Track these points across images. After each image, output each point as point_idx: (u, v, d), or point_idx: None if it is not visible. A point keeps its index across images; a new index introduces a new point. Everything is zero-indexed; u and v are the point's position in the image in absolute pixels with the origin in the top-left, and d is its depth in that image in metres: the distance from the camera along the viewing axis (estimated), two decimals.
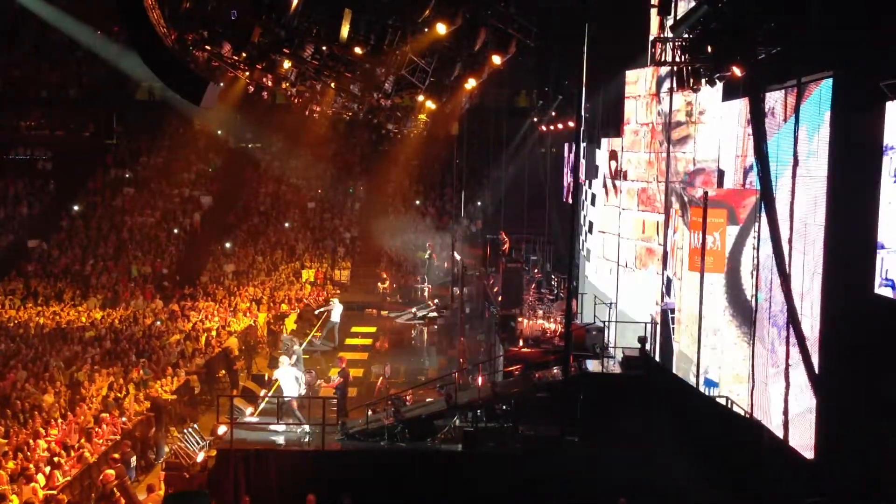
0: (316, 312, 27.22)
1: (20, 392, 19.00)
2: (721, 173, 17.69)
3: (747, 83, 14.96)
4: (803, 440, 13.89)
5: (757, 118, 14.98)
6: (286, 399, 16.06)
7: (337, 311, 26.22)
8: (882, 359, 11.62)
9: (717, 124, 17.91)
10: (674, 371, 18.30)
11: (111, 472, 14.87)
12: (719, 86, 15.96)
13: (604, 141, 24.29)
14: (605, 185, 24.14)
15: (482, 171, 36.11)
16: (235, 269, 33.63)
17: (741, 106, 16.81)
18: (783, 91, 14.99)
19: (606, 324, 18.52)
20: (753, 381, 15.96)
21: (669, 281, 19.29)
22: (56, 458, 15.38)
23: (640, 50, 20.01)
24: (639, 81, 21.25)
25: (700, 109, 18.48)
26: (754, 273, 15.95)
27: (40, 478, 14.56)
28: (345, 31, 14.53)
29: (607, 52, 19.55)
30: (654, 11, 19.14)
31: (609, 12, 19.08)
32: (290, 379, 16.89)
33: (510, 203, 33.49)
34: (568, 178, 28.38)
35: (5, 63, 38.69)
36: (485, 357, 21.27)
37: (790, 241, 14.43)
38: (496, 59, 16.20)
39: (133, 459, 16.44)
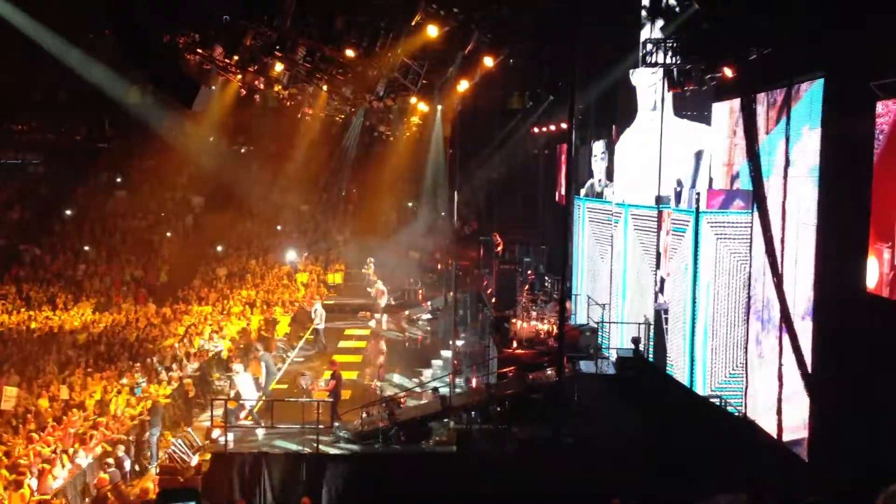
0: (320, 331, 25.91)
1: None
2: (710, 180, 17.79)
3: (739, 84, 15.00)
4: (794, 431, 13.96)
5: (749, 118, 15.02)
6: (251, 403, 16.33)
7: (320, 316, 25.87)
8: (876, 358, 11.65)
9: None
10: (668, 371, 18.31)
11: (105, 476, 14.84)
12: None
13: (598, 143, 24.27)
14: (596, 186, 24.13)
15: (475, 172, 36.11)
16: (228, 271, 33.54)
17: (727, 116, 16.86)
18: (775, 92, 15.04)
19: (600, 325, 18.53)
20: (748, 382, 16.01)
21: (663, 281, 19.30)
22: (46, 465, 15.28)
23: (631, 51, 19.99)
24: (633, 83, 21.25)
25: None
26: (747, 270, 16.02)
27: (33, 483, 14.48)
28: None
29: (599, 52, 19.57)
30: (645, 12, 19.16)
31: (601, 13, 19.08)
32: (248, 384, 17.08)
33: (504, 204, 33.52)
34: (561, 179, 28.37)
35: None
36: (479, 359, 21.25)
37: (782, 240, 14.46)
38: (488, 61, 16.24)
39: (127, 463, 16.39)
